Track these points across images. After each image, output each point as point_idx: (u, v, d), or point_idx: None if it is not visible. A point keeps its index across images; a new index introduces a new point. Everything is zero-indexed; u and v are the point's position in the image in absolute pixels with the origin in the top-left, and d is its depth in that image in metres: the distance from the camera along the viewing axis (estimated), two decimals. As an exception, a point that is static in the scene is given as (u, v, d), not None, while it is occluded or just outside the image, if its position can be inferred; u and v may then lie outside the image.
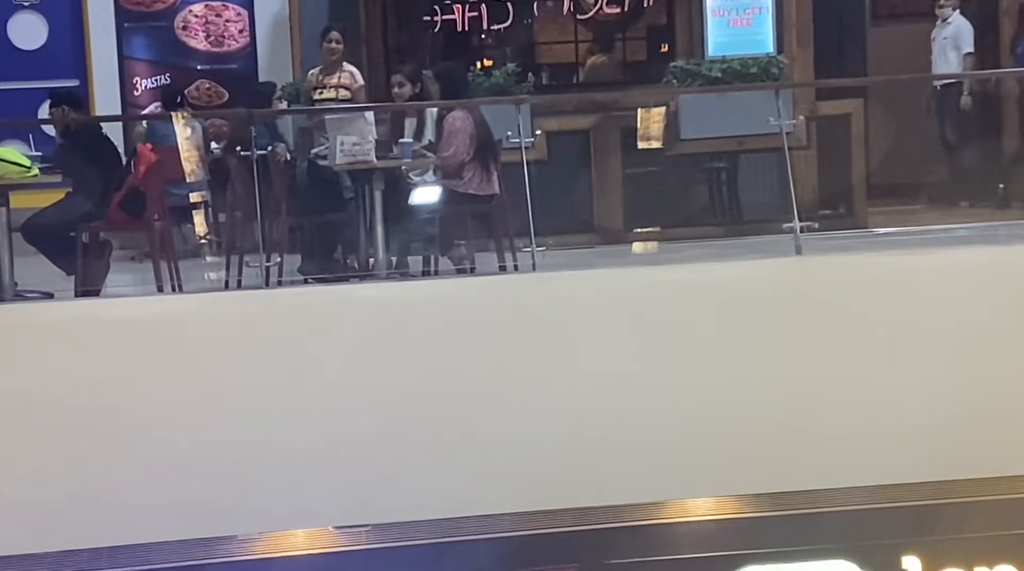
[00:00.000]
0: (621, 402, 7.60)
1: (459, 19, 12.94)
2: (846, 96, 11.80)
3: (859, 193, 11.64)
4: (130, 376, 7.39)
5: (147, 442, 7.36)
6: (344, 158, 9.03)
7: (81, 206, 9.34)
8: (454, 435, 7.52)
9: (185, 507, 7.34)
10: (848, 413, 7.67)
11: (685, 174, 11.58)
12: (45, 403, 7.32)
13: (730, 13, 12.42)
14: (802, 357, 7.68)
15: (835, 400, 7.68)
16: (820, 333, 7.71)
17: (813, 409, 7.66)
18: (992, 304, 7.77)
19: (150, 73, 12.62)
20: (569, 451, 7.54)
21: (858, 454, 7.65)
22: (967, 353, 7.69)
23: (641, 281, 8.07)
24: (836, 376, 7.69)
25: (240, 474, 7.40)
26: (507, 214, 9.26)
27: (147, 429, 7.36)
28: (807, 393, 7.68)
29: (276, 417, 7.43)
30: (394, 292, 8.30)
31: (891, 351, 7.72)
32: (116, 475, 7.30)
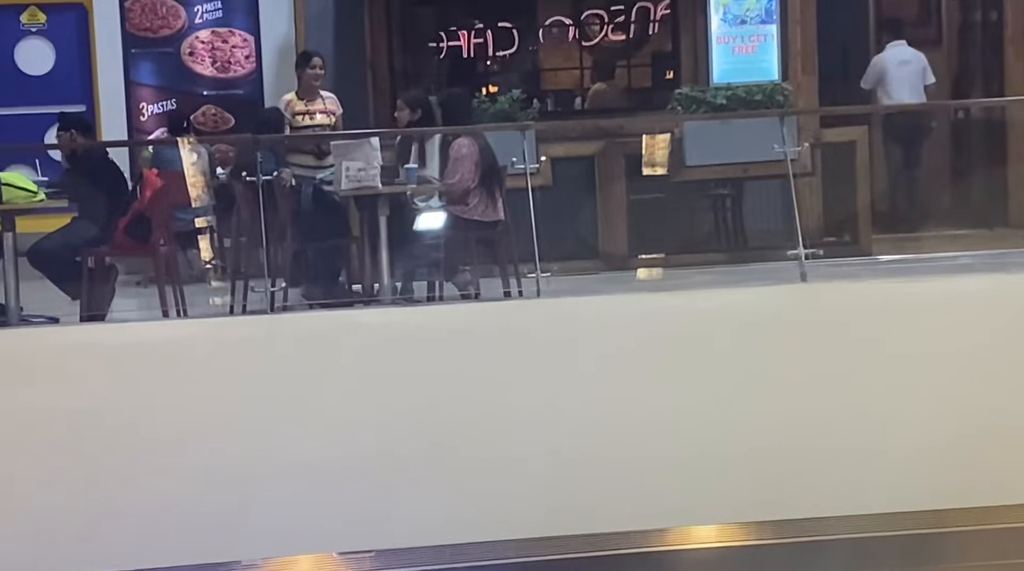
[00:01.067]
0: (625, 428, 7.60)
1: (465, 45, 12.98)
2: (850, 123, 11.82)
3: (863, 220, 11.65)
4: (135, 401, 7.40)
5: (151, 467, 7.36)
6: (349, 183, 9.06)
7: (87, 231, 9.36)
8: (458, 460, 7.52)
9: (189, 531, 7.34)
10: (851, 440, 7.66)
11: (690, 201, 11.59)
12: (49, 427, 7.32)
13: (735, 40, 12.45)
14: (806, 384, 7.68)
15: (838, 427, 7.67)
16: (824, 360, 7.71)
17: (816, 436, 7.65)
18: (994, 332, 7.77)
19: (156, 98, 12.65)
20: (573, 477, 7.54)
21: (861, 481, 7.64)
22: (970, 381, 7.69)
23: (646, 307, 8.07)
24: (839, 403, 7.69)
25: (243, 499, 7.40)
26: (512, 240, 9.27)
27: (151, 454, 7.36)
28: (810, 420, 7.67)
29: (280, 442, 7.43)
30: (399, 317, 8.31)
31: (894, 378, 7.72)
32: (119, 500, 7.31)
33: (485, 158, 9.45)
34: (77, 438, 7.33)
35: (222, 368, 7.53)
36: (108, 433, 7.36)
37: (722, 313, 7.89)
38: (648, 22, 12.99)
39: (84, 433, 7.34)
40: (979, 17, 13.38)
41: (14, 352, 7.59)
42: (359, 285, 9.78)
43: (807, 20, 12.33)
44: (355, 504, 7.43)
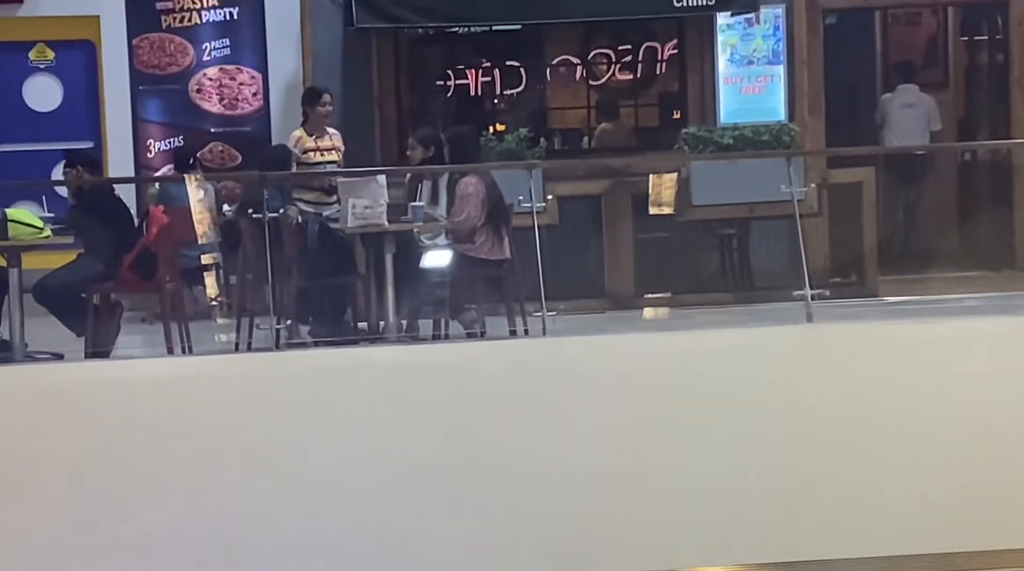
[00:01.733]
0: (631, 468, 7.57)
1: (472, 83, 13.00)
2: (857, 164, 11.82)
3: (870, 261, 11.64)
4: (139, 438, 7.38)
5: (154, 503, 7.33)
6: (356, 221, 9.06)
7: (92, 267, 9.36)
8: (463, 499, 7.49)
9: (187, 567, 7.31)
10: (857, 482, 7.62)
11: (696, 240, 11.59)
12: (53, 463, 7.30)
13: (742, 81, 12.48)
14: (812, 425, 7.65)
15: (844, 469, 7.64)
16: (830, 401, 7.68)
17: (822, 478, 7.62)
18: (1002, 375, 7.75)
19: (164, 135, 12.67)
20: (579, 517, 7.51)
21: (867, 524, 7.60)
22: (977, 423, 7.66)
23: (652, 347, 8.05)
24: (845, 445, 7.66)
25: (247, 537, 7.37)
26: (518, 278, 9.27)
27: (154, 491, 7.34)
28: (816, 462, 7.64)
29: (284, 480, 7.41)
30: (404, 355, 8.30)
31: (901, 420, 7.69)
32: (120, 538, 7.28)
33: (492, 196, 9.46)
34: (80, 474, 7.31)
35: (227, 405, 7.52)
36: (112, 470, 7.34)
37: (728, 353, 7.87)
38: (655, 62, 13.02)
39: (87, 469, 7.32)
40: (986, 59, 13.41)
41: (18, 388, 7.58)
42: (365, 323, 9.77)
43: (814, 61, 12.36)
44: (358, 541, 7.40)
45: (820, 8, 12.45)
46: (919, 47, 13.98)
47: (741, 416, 7.58)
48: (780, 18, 12.42)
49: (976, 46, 13.70)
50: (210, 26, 12.58)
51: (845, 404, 7.65)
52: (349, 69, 12.43)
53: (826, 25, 12.62)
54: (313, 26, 12.35)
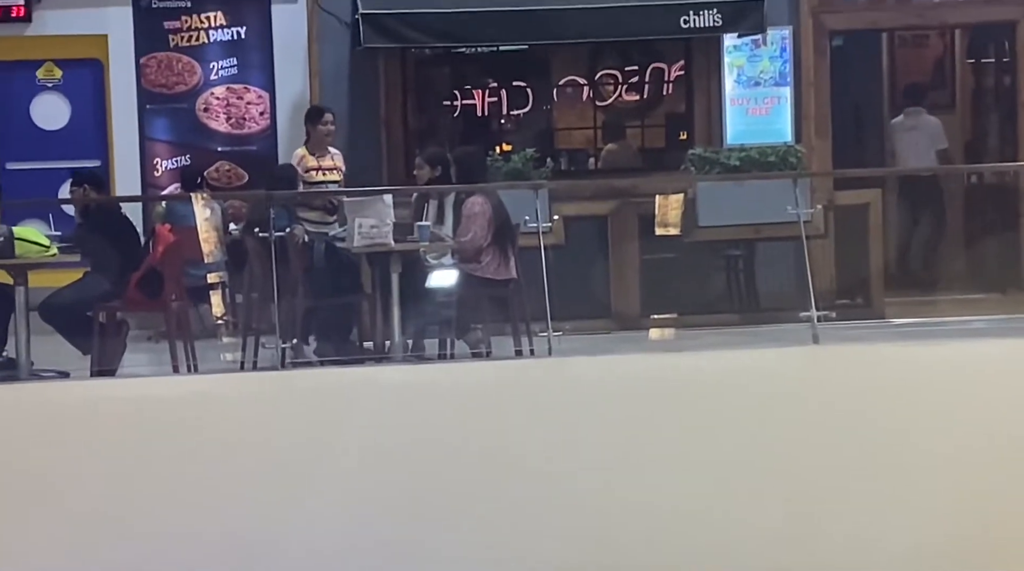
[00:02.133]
0: (637, 488, 7.55)
1: (479, 104, 13.03)
2: (864, 186, 11.82)
3: (876, 283, 11.63)
4: (144, 456, 7.37)
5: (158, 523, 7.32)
6: (362, 240, 9.06)
7: (98, 286, 9.37)
8: (467, 519, 7.47)
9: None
10: (863, 504, 7.60)
11: (702, 261, 11.59)
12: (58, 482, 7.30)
13: (749, 102, 12.49)
14: (818, 446, 7.63)
15: (850, 490, 7.62)
16: (836, 423, 7.66)
17: (828, 499, 7.60)
18: (1008, 397, 7.73)
19: (171, 154, 12.69)
20: (585, 537, 7.49)
21: (872, 545, 7.58)
22: (984, 446, 7.64)
23: (657, 368, 8.04)
24: (851, 466, 7.64)
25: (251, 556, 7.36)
26: (524, 298, 9.27)
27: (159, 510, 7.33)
28: (821, 483, 7.62)
29: (290, 499, 7.40)
30: (410, 375, 8.29)
31: (907, 442, 7.67)
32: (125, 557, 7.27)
33: (498, 216, 9.47)
34: (85, 492, 7.30)
35: (232, 424, 7.50)
36: (117, 488, 7.32)
37: (734, 374, 7.85)
38: (662, 83, 13.04)
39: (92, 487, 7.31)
40: (992, 82, 13.43)
41: (24, 406, 7.57)
42: (370, 342, 9.77)
43: (821, 83, 12.38)
44: (364, 562, 7.38)
45: (827, 30, 12.47)
46: (926, 69, 14.00)
47: (747, 437, 7.56)
48: (787, 39, 12.45)
49: (983, 69, 13.72)
50: (218, 45, 12.61)
51: (851, 425, 7.63)
52: (356, 89, 12.46)
53: (833, 47, 12.65)
54: (321, 46, 12.38)
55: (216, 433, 7.46)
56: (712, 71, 12.63)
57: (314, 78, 12.38)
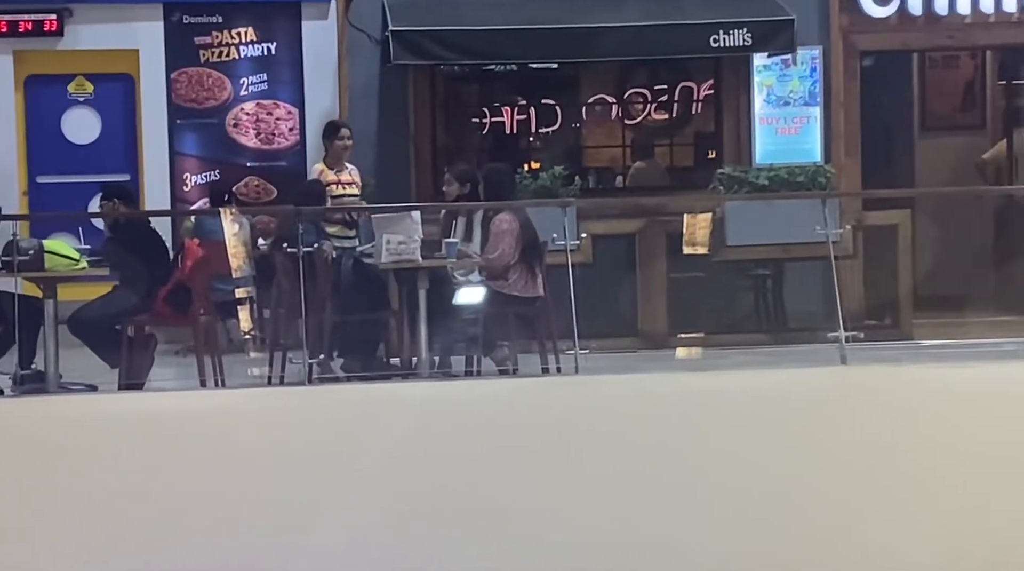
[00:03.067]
0: (662, 507, 7.53)
1: (508, 121, 13.04)
2: (893, 207, 11.78)
3: (905, 304, 11.59)
4: (171, 470, 7.38)
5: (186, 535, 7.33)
6: (390, 257, 9.07)
7: (127, 299, 9.39)
8: (493, 536, 7.46)
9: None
10: (890, 526, 7.56)
11: (730, 280, 11.57)
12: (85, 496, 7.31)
13: (778, 122, 12.48)
14: (845, 467, 7.59)
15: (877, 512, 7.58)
16: (863, 444, 7.63)
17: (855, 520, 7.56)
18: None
19: (200, 169, 12.73)
20: (610, 555, 7.47)
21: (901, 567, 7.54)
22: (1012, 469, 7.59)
23: (684, 387, 8.02)
24: (878, 488, 7.60)
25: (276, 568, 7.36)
26: (551, 316, 9.25)
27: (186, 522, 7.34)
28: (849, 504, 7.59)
29: (315, 513, 7.39)
30: (436, 391, 8.28)
31: (935, 464, 7.63)
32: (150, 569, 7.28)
33: (526, 234, 9.46)
34: (113, 506, 7.31)
35: (259, 439, 7.51)
36: (143, 501, 7.33)
37: (761, 395, 7.83)
38: (691, 102, 13.04)
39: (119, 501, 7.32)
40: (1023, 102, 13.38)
41: (52, 419, 7.60)
42: (397, 358, 9.77)
43: (851, 103, 12.36)
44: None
45: (857, 50, 12.45)
46: (956, 90, 13.96)
47: (774, 458, 7.54)
48: (817, 59, 12.44)
49: (1014, 90, 13.67)
50: (248, 61, 12.66)
51: (879, 446, 7.59)
52: (386, 105, 12.49)
53: (863, 67, 12.63)
54: (350, 62, 12.42)
55: (243, 447, 7.46)
56: (741, 90, 12.63)
57: (343, 94, 12.42)
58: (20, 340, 8.72)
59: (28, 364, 8.87)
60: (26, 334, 8.72)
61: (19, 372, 8.76)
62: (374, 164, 11.51)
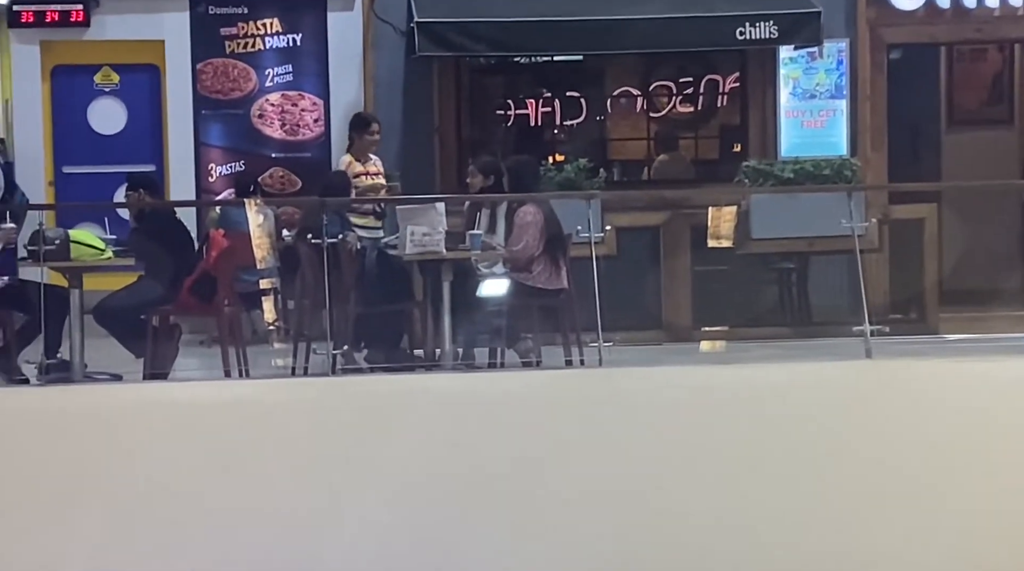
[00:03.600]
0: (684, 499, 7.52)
1: (532, 113, 13.03)
2: (920, 200, 11.74)
3: (931, 298, 11.54)
4: (196, 459, 7.40)
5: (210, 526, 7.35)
6: (414, 248, 9.07)
7: (152, 290, 9.41)
8: (517, 529, 7.46)
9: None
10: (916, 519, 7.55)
11: (755, 273, 11.54)
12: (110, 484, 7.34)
13: (804, 115, 12.44)
14: (870, 461, 7.58)
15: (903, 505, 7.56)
16: (888, 437, 7.61)
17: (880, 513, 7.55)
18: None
19: (225, 160, 12.74)
20: (632, 546, 7.47)
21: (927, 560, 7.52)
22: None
23: (708, 380, 8.01)
24: (904, 481, 7.58)
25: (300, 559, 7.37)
26: (575, 308, 9.25)
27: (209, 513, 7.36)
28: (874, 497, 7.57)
29: (339, 504, 7.41)
30: (459, 383, 8.29)
31: (960, 458, 7.61)
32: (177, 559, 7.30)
33: (550, 226, 9.45)
34: (137, 495, 7.34)
35: (282, 429, 7.53)
36: (167, 491, 7.36)
37: (785, 388, 7.81)
38: (717, 94, 13.01)
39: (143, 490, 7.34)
40: (1051, 97, 13.32)
41: (77, 408, 7.62)
42: (421, 350, 9.78)
43: (877, 96, 12.32)
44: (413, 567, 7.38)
45: (884, 43, 12.40)
46: (984, 84, 13.89)
47: (798, 451, 7.52)
48: (844, 52, 12.39)
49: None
50: (273, 52, 12.67)
51: (904, 441, 7.57)
52: (410, 97, 12.49)
53: (890, 60, 12.57)
54: (375, 54, 12.42)
55: (266, 438, 7.48)
56: (767, 83, 12.59)
57: (368, 86, 12.42)
58: (46, 329, 8.75)
59: (54, 353, 8.90)
60: (52, 323, 8.75)
61: (45, 361, 8.78)
62: (398, 156, 11.51)
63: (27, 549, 7.25)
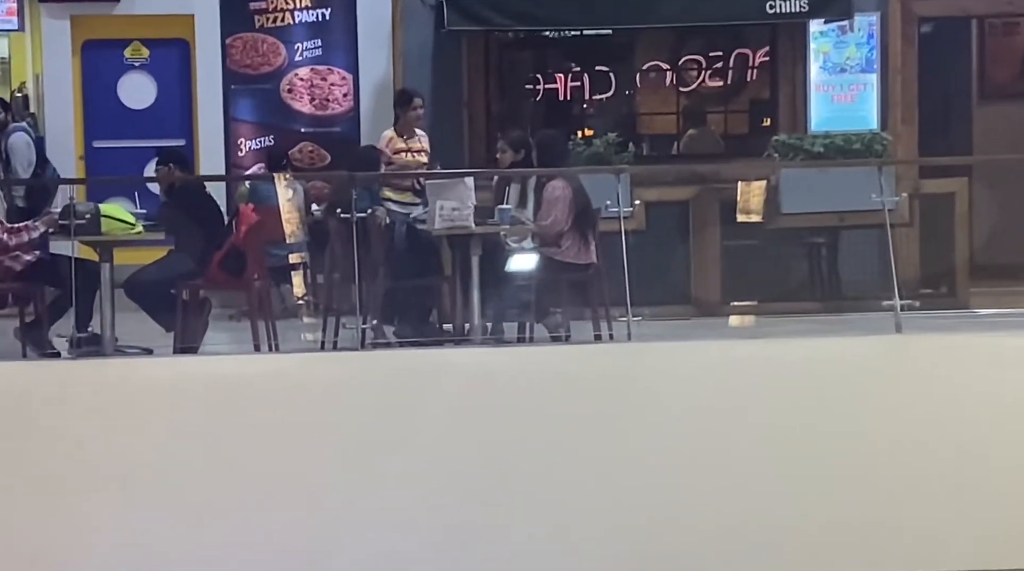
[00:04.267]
0: (714, 475, 7.52)
1: (561, 88, 13.00)
2: (950, 175, 11.68)
3: (961, 273, 11.49)
4: (226, 433, 7.43)
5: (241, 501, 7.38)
6: (443, 223, 9.07)
7: (182, 264, 9.45)
8: (544, 502, 7.47)
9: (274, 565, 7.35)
10: (946, 494, 7.53)
11: (785, 248, 11.50)
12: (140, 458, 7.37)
13: (834, 89, 12.38)
14: (900, 436, 7.56)
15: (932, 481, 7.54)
16: (918, 413, 7.59)
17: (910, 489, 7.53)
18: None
19: (255, 134, 12.77)
20: (661, 522, 7.47)
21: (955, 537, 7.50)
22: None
23: (738, 355, 8.00)
24: (933, 457, 7.56)
25: (329, 534, 7.40)
26: (603, 283, 9.24)
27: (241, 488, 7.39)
28: (903, 473, 7.55)
29: (368, 478, 7.43)
30: (488, 358, 8.29)
31: (990, 432, 7.58)
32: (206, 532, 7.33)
33: (579, 201, 9.44)
34: (168, 469, 7.37)
35: (311, 403, 7.55)
36: (197, 465, 7.39)
37: (816, 363, 7.80)
38: (746, 69, 12.95)
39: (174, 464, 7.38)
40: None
41: (108, 382, 7.66)
42: (450, 324, 9.79)
43: (908, 70, 12.24)
44: (441, 542, 7.40)
45: (916, 16, 12.32)
46: (1016, 58, 13.80)
47: (828, 426, 7.51)
48: (875, 26, 12.32)
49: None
50: (302, 27, 12.67)
51: (934, 415, 7.55)
52: (439, 71, 12.48)
53: (921, 33, 12.49)
54: (404, 28, 12.41)
55: (296, 412, 7.50)
56: (797, 57, 12.53)
57: (397, 60, 12.41)
58: (77, 303, 8.79)
59: (85, 327, 8.94)
60: (83, 298, 8.79)
61: (76, 335, 8.83)
62: (427, 130, 11.49)
63: (57, 523, 7.30)
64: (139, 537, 7.30)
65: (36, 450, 7.34)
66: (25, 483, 7.30)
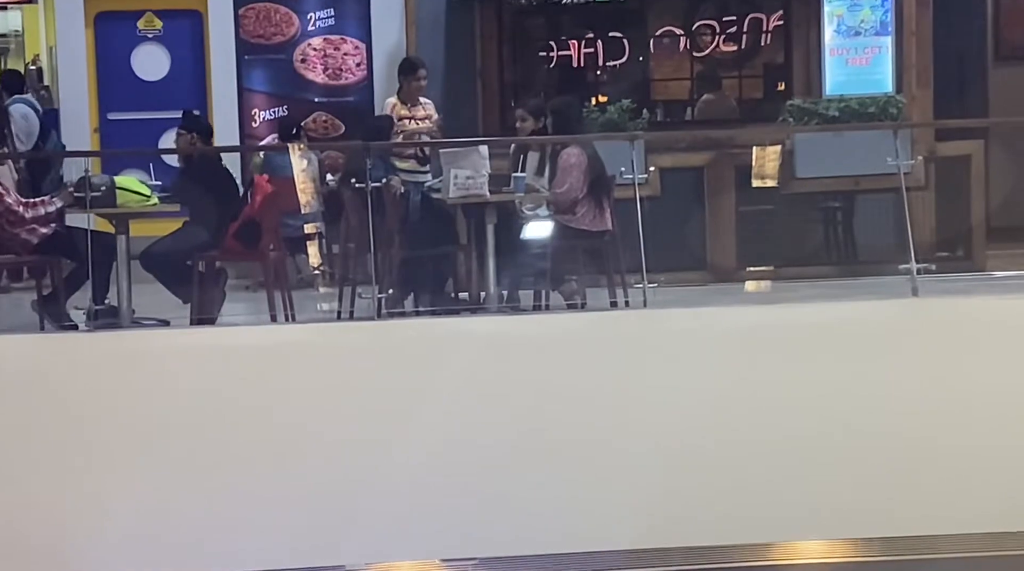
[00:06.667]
0: (731, 440, 7.54)
1: (575, 55, 12.97)
2: (966, 137, 11.64)
3: (978, 235, 11.46)
4: (243, 404, 7.46)
5: (257, 471, 7.42)
6: (458, 191, 9.07)
7: (198, 235, 9.46)
8: (562, 470, 7.50)
9: (292, 536, 7.38)
10: (962, 457, 7.54)
11: (800, 213, 11.48)
12: (158, 429, 7.41)
13: (849, 52, 12.32)
14: (916, 399, 7.57)
15: (948, 443, 7.55)
16: (934, 375, 7.60)
17: (925, 452, 7.54)
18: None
19: (268, 105, 12.76)
20: (677, 488, 7.49)
21: (972, 500, 7.51)
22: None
23: (754, 320, 8.00)
24: (949, 419, 7.57)
25: (347, 504, 7.44)
26: (619, 250, 9.24)
27: (258, 458, 7.42)
28: (919, 436, 7.57)
29: (385, 448, 7.46)
30: (504, 326, 8.31)
31: (1007, 395, 7.58)
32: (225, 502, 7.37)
33: (594, 168, 9.43)
34: (185, 440, 7.41)
35: (329, 373, 7.58)
36: (215, 436, 7.42)
37: (831, 327, 7.81)
38: (760, 33, 12.90)
39: (192, 435, 7.41)
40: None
41: (125, 353, 7.69)
42: (465, 293, 9.80)
43: (923, 33, 12.17)
44: (459, 511, 7.44)
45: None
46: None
47: (845, 390, 7.52)
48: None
49: (1093, 17, 13.44)
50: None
51: (950, 378, 7.55)
52: (452, 39, 12.45)
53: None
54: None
55: (313, 382, 7.53)
56: (811, 21, 12.47)
57: (410, 29, 12.38)
58: (93, 276, 8.80)
59: (101, 300, 8.95)
60: (99, 270, 8.80)
61: (93, 307, 8.84)
62: (441, 98, 11.46)
63: (77, 493, 7.34)
64: (157, 506, 7.34)
65: (55, 422, 7.38)
66: (44, 454, 7.34)
